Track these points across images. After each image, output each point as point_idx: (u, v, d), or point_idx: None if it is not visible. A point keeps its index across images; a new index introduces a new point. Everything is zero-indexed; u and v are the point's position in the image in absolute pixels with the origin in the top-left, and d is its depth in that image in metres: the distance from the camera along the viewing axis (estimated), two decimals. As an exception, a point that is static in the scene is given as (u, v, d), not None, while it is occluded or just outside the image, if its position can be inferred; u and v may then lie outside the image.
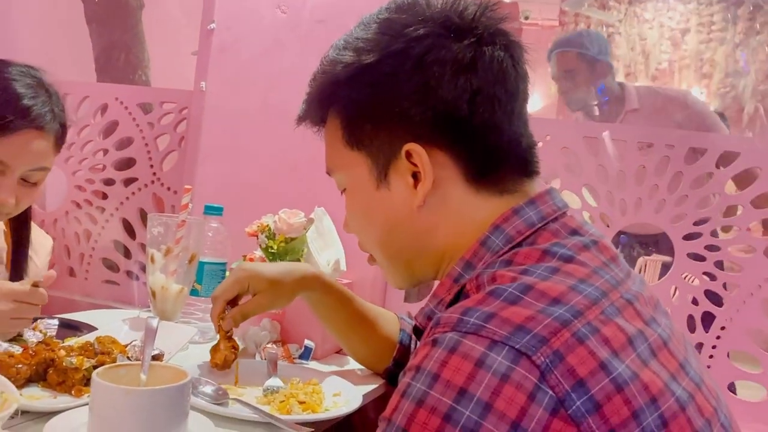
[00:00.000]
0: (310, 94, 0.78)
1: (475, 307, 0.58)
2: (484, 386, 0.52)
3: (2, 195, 1.12)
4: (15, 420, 0.78)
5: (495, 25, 0.71)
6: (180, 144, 1.61)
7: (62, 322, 1.16)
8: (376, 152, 0.72)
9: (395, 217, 0.74)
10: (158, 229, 1.22)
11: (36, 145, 1.15)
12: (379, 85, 0.70)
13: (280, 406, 0.94)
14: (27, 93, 1.14)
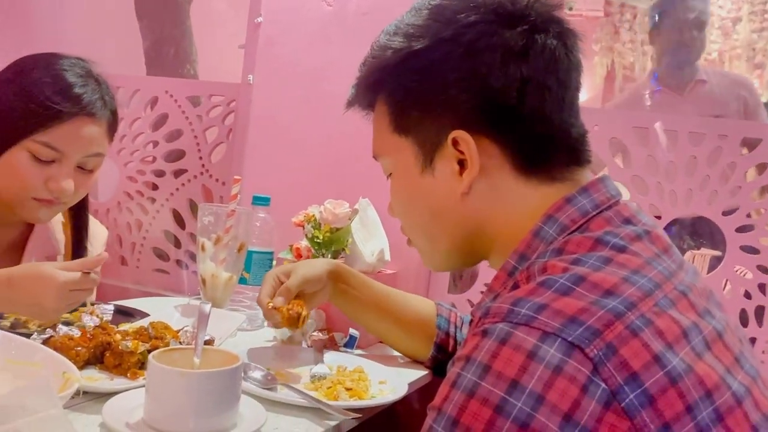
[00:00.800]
0: (359, 79, 0.78)
1: (526, 297, 0.58)
2: (537, 378, 0.52)
3: (61, 183, 1.15)
4: (76, 399, 0.82)
5: (549, 11, 0.70)
6: (228, 136, 1.65)
7: (117, 308, 1.19)
8: (423, 139, 0.72)
9: (439, 204, 0.74)
10: (209, 218, 1.25)
11: (89, 131, 1.18)
12: (427, 71, 0.70)
13: (327, 392, 0.96)
14: (77, 82, 1.17)
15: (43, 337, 0.93)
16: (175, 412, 0.75)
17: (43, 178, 1.15)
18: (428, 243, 0.79)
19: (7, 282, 1.00)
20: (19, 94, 1.15)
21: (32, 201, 1.17)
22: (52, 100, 1.13)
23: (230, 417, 0.78)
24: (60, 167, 1.16)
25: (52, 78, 1.16)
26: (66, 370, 0.78)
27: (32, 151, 1.14)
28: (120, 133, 1.77)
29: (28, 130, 1.13)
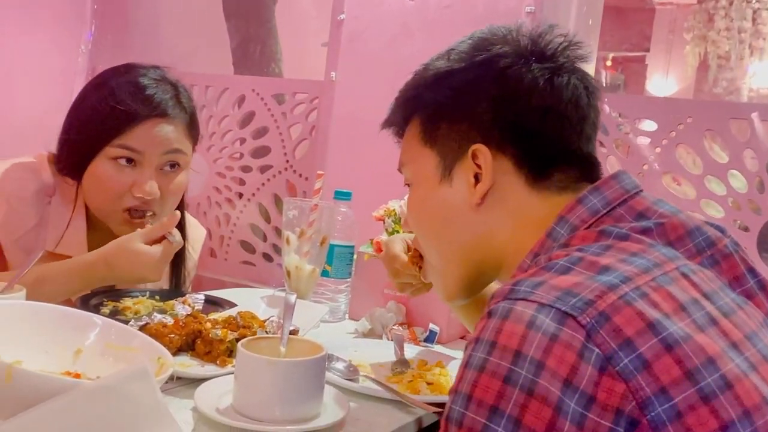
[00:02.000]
0: (398, 96, 0.85)
1: (526, 278, 0.61)
2: (536, 346, 0.54)
3: (144, 185, 1.18)
4: (169, 384, 0.86)
5: (575, 61, 0.77)
6: (311, 133, 1.68)
7: (207, 298, 1.25)
8: (446, 150, 0.78)
9: (452, 212, 0.78)
10: (293, 212, 1.28)
11: (162, 129, 1.20)
12: (460, 89, 0.77)
13: (408, 386, 0.96)
14: (150, 84, 1.21)
15: (139, 324, 0.98)
16: (262, 400, 0.77)
17: (128, 184, 1.18)
18: (441, 256, 0.83)
19: (105, 263, 1.08)
20: (97, 103, 1.19)
21: (120, 214, 1.20)
22: (126, 103, 1.17)
23: (314, 406, 0.80)
24: (141, 170, 1.19)
25: (126, 84, 1.20)
26: (161, 356, 0.82)
27: (113, 156, 1.17)
28: (209, 131, 1.85)
29: (107, 135, 1.17)
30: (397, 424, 0.86)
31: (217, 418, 0.75)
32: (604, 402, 0.52)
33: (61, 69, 1.89)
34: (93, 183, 1.20)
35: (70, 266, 1.12)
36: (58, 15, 1.88)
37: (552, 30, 0.78)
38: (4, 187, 1.20)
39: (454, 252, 0.80)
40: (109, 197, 1.19)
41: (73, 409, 0.63)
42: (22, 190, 1.21)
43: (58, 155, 1.24)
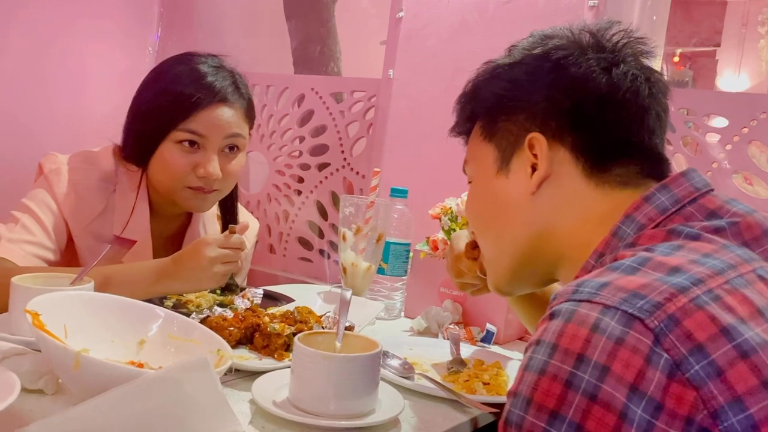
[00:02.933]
0: (459, 96, 0.86)
1: (590, 278, 0.59)
2: (600, 349, 0.52)
3: (207, 167, 1.24)
4: (228, 376, 0.88)
5: (637, 56, 0.76)
6: (368, 130, 1.68)
7: (265, 292, 1.27)
8: (504, 142, 0.78)
9: (507, 203, 0.78)
10: (350, 209, 1.29)
11: (224, 113, 1.26)
12: (517, 81, 0.77)
13: (464, 386, 0.95)
14: (209, 71, 1.27)
15: (200, 317, 1.01)
16: (317, 394, 0.78)
17: (192, 165, 1.24)
18: (495, 247, 0.82)
19: (173, 260, 1.11)
20: (161, 92, 1.26)
21: (186, 190, 1.27)
22: (188, 90, 1.23)
23: (369, 401, 0.80)
24: (205, 153, 1.25)
25: (186, 72, 1.27)
26: (220, 348, 0.84)
27: (178, 140, 1.24)
28: (270, 130, 1.88)
29: (173, 121, 1.24)
30: (452, 423, 0.85)
31: (273, 410, 0.76)
32: (672, 410, 0.50)
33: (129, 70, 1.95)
34: (160, 165, 1.26)
35: (140, 265, 1.16)
36: (126, 20, 1.95)
37: (613, 26, 0.77)
38: (72, 177, 1.27)
39: (507, 243, 0.79)
40: (175, 177, 1.25)
41: (135, 398, 0.65)
42: (88, 179, 1.28)
43: (124, 143, 1.31)
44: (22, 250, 1.18)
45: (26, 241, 1.19)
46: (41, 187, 1.26)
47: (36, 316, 0.72)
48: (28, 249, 1.19)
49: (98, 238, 1.27)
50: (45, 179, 1.26)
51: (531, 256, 0.78)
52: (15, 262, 1.15)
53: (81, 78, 1.82)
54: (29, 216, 1.22)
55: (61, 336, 0.75)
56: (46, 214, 1.23)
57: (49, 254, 1.22)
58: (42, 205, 1.23)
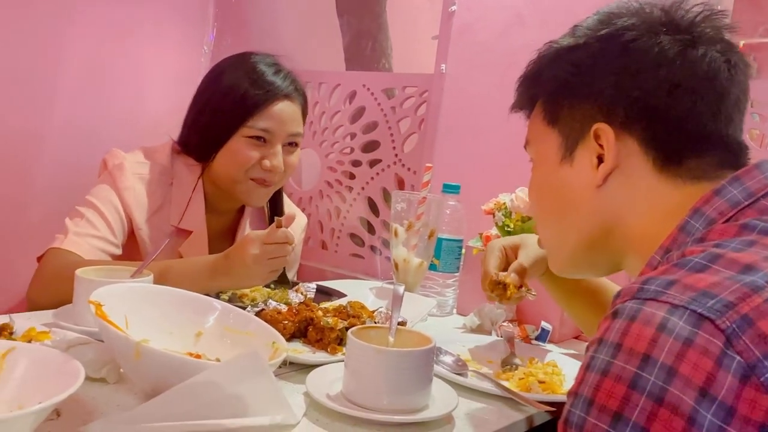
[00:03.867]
0: (521, 76, 0.82)
1: (657, 276, 0.56)
2: (667, 351, 0.50)
3: (273, 160, 1.32)
4: (283, 369, 0.89)
5: (717, 32, 0.70)
6: (420, 126, 1.67)
7: (318, 288, 1.28)
8: (568, 129, 0.74)
9: (572, 194, 0.75)
10: (401, 205, 1.29)
11: (289, 110, 1.34)
12: (582, 64, 0.73)
13: (519, 383, 0.93)
14: (268, 71, 1.34)
15: (255, 310, 1.02)
16: (370, 388, 0.78)
17: (258, 157, 1.32)
18: (556, 237, 0.80)
19: (225, 256, 1.12)
20: (226, 91, 1.32)
21: (249, 182, 1.33)
22: (253, 88, 1.30)
23: (423, 397, 0.79)
24: (271, 146, 1.33)
25: (246, 72, 1.33)
26: (275, 341, 0.85)
27: (247, 136, 1.31)
28: (322, 126, 1.89)
29: (241, 119, 1.30)
30: (507, 421, 0.84)
31: (327, 404, 0.77)
32: (746, 415, 0.47)
33: (186, 70, 2.00)
34: (227, 158, 1.32)
35: (196, 260, 1.19)
36: (182, 21, 1.99)
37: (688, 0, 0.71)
38: (134, 172, 1.33)
39: (569, 233, 0.77)
40: (240, 170, 1.32)
41: (193, 391, 0.66)
42: (149, 173, 1.34)
43: (185, 139, 1.37)
44: (88, 243, 1.22)
45: (91, 235, 1.24)
46: (105, 182, 1.31)
47: (99, 307, 0.74)
48: (93, 243, 1.23)
49: (158, 230, 1.32)
50: (109, 174, 1.31)
51: (594, 246, 0.75)
52: (81, 255, 1.20)
53: (140, 79, 1.87)
54: (93, 211, 1.26)
55: (123, 326, 0.77)
56: (109, 209, 1.27)
57: (112, 248, 1.26)
58: (105, 201, 1.28)
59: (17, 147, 1.62)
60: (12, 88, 1.59)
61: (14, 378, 0.66)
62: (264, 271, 1.10)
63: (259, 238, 1.09)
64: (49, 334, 0.84)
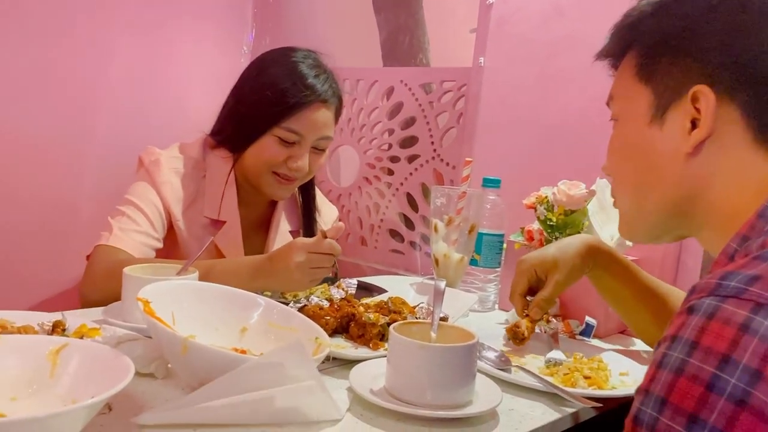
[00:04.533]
0: (617, 24, 0.76)
1: (736, 270, 0.53)
2: (751, 352, 0.47)
3: (299, 161, 1.35)
4: (326, 364, 0.89)
5: None
6: (458, 120, 1.66)
7: (359, 284, 1.28)
8: (663, 88, 0.69)
9: (658, 158, 0.70)
10: (441, 200, 1.28)
11: (322, 116, 1.35)
12: (689, 17, 0.67)
13: (564, 379, 0.92)
14: (310, 73, 1.34)
15: (298, 306, 1.03)
16: (413, 383, 0.78)
17: (285, 156, 1.35)
18: (635, 202, 0.75)
19: (268, 258, 1.13)
20: (264, 87, 1.33)
21: (273, 176, 1.37)
22: (291, 91, 1.31)
23: (466, 392, 0.79)
24: (299, 148, 1.35)
25: (288, 71, 1.34)
26: (318, 336, 0.86)
27: (279, 136, 1.33)
28: (360, 123, 1.90)
29: (276, 119, 1.32)
30: (552, 417, 0.82)
31: (371, 399, 0.77)
32: None
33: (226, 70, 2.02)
34: (256, 153, 1.36)
35: (239, 259, 1.21)
36: (222, 21, 2.03)
37: None
38: (169, 166, 1.37)
39: (650, 201, 0.72)
40: (267, 166, 1.36)
41: (236, 385, 0.67)
42: (184, 167, 1.38)
43: (219, 130, 1.40)
44: (131, 239, 1.26)
45: (134, 231, 1.27)
46: (142, 179, 1.35)
47: (147, 304, 0.75)
48: (136, 238, 1.27)
49: (193, 222, 1.36)
50: (145, 171, 1.35)
51: (673, 216, 0.71)
52: (126, 251, 1.23)
53: (182, 80, 1.91)
54: (134, 208, 1.30)
55: (170, 323, 0.78)
56: (148, 205, 1.31)
57: (154, 241, 1.30)
58: (143, 198, 1.32)
59: (66, 150, 1.67)
60: (59, 92, 1.64)
61: (68, 373, 0.68)
62: (305, 279, 1.09)
63: (306, 246, 1.08)
64: (99, 331, 0.86)
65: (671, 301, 1.05)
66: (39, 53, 1.59)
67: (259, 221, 1.50)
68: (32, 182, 1.62)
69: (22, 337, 0.75)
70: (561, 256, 1.04)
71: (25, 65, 1.58)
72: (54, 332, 0.85)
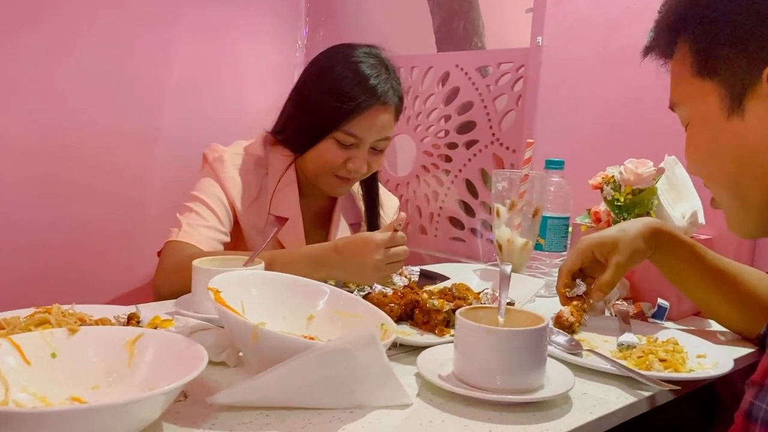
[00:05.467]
0: (659, 19, 0.73)
1: None
2: None
3: (357, 164, 1.35)
4: (392, 351, 0.89)
5: None
6: (517, 103, 1.63)
7: (421, 271, 1.28)
8: (732, 78, 0.66)
9: (748, 150, 0.66)
10: (502, 184, 1.26)
11: (382, 118, 1.34)
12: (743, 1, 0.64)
13: (638, 362, 0.89)
14: (372, 73, 1.33)
15: (362, 294, 1.04)
16: (483, 368, 0.77)
17: (344, 159, 1.35)
18: (736, 200, 0.71)
19: (335, 249, 1.13)
20: (326, 91, 1.33)
21: (333, 178, 1.38)
22: (353, 94, 1.31)
23: (537, 377, 0.77)
24: (358, 150, 1.35)
25: (351, 72, 1.33)
26: (384, 323, 0.86)
27: (338, 139, 1.34)
28: (415, 111, 1.89)
29: (337, 123, 1.32)
30: (627, 400, 0.80)
31: (440, 384, 0.76)
32: None
33: (282, 65, 2.06)
34: (315, 156, 1.37)
35: (302, 250, 1.21)
36: (276, 18, 2.05)
37: None
38: (233, 163, 1.39)
39: (754, 195, 0.69)
40: (326, 167, 1.37)
41: (309, 369, 0.68)
42: (246, 164, 1.40)
43: (281, 129, 1.41)
44: (200, 234, 1.29)
45: (202, 226, 1.30)
46: (207, 175, 1.38)
47: (217, 293, 0.77)
48: (205, 233, 1.30)
49: (256, 218, 1.38)
50: (210, 167, 1.38)
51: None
52: (196, 245, 1.26)
53: (240, 77, 1.95)
54: (201, 204, 1.33)
55: (239, 311, 0.80)
56: (214, 200, 1.34)
57: (222, 236, 1.33)
58: (210, 193, 1.35)
59: (133, 150, 1.73)
60: (122, 95, 1.70)
61: (145, 362, 0.70)
62: (381, 275, 1.11)
63: (384, 242, 1.09)
64: (172, 322, 0.89)
65: (744, 281, 1.00)
66: (109, 59, 1.66)
67: (320, 215, 1.52)
68: (104, 181, 1.69)
69: (100, 328, 0.78)
70: (622, 237, 1.01)
71: (97, 71, 1.64)
72: (129, 324, 0.88)
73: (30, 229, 1.60)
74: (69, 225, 1.65)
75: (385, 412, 0.72)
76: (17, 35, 1.52)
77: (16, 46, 1.52)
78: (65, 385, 0.68)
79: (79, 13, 1.60)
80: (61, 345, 0.70)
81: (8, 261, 1.57)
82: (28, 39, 1.53)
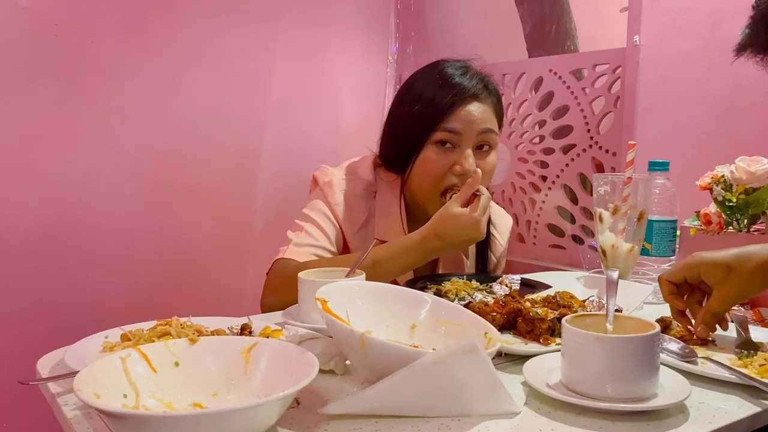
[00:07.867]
0: (754, 16, 0.70)
1: None
2: None
3: (465, 164, 1.32)
4: (497, 360, 0.89)
5: None
6: (615, 104, 1.59)
7: (522, 280, 1.26)
8: None
9: None
10: (604, 188, 1.22)
11: (475, 109, 1.33)
12: None
13: (760, 370, 0.84)
14: (455, 73, 1.35)
15: (462, 303, 1.03)
16: (592, 376, 0.75)
17: (449, 164, 1.33)
18: None
19: (435, 235, 1.19)
20: (415, 99, 1.35)
21: (441, 198, 1.34)
22: (441, 92, 1.32)
23: (649, 385, 0.74)
24: (460, 150, 1.33)
25: (435, 77, 1.35)
26: (487, 331, 0.85)
27: (437, 141, 1.33)
28: (509, 118, 1.87)
29: (431, 124, 1.32)
30: (750, 411, 0.75)
31: (549, 392, 0.75)
32: None
33: (373, 81, 2.10)
34: (420, 169, 1.36)
35: (404, 244, 1.24)
36: (366, 35, 2.10)
37: None
38: (342, 187, 1.41)
39: None
40: (434, 179, 1.34)
41: (416, 380, 0.69)
42: (356, 188, 1.42)
43: (385, 154, 1.43)
44: (308, 252, 1.33)
45: (310, 245, 1.34)
46: (318, 197, 1.42)
47: (324, 303, 0.80)
48: (313, 251, 1.34)
49: (366, 243, 1.38)
50: (320, 191, 1.42)
51: None
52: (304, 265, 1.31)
53: (335, 94, 2.01)
54: (311, 224, 1.37)
55: (345, 320, 0.82)
56: (325, 221, 1.38)
57: (330, 255, 1.36)
58: (320, 214, 1.38)
59: (239, 166, 1.82)
60: (228, 114, 1.79)
61: (260, 369, 0.74)
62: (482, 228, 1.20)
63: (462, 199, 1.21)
64: (281, 332, 0.93)
65: None
66: (216, 83, 1.76)
67: None
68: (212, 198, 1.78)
69: (218, 338, 0.83)
70: (738, 266, 0.91)
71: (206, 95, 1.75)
72: (242, 334, 0.92)
73: (148, 242, 1.71)
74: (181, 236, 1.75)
75: (493, 420, 0.71)
76: (139, 65, 1.64)
77: (138, 74, 1.64)
78: (188, 391, 0.72)
79: (190, 43, 1.71)
80: (183, 354, 0.75)
81: (129, 274, 1.68)
82: (148, 68, 1.65)
